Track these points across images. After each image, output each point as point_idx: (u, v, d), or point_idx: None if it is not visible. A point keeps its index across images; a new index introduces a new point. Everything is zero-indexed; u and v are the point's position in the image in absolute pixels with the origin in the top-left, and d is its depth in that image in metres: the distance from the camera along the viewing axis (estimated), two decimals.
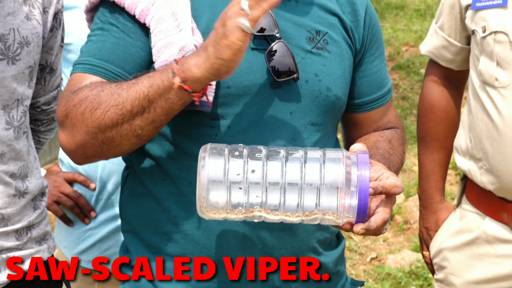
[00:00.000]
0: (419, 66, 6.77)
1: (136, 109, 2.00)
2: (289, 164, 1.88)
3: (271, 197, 1.87)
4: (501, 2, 2.46)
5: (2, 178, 2.25)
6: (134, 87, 1.98)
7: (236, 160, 1.88)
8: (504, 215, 2.55)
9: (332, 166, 1.86)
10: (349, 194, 1.84)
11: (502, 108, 2.46)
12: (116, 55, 2.11)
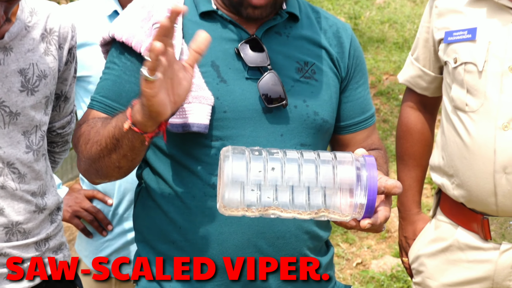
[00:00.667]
0: (398, 93, 6.78)
1: (109, 146, 2.02)
2: (305, 165, 1.84)
3: (285, 196, 1.84)
4: (470, 36, 2.47)
5: (24, 196, 2.24)
6: (107, 127, 2.01)
7: (254, 155, 1.85)
8: (474, 225, 2.54)
9: (344, 168, 1.84)
10: (360, 193, 1.82)
11: (471, 130, 2.45)
12: (113, 91, 2.15)
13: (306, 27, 2.23)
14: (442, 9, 2.57)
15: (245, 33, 2.13)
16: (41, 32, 2.27)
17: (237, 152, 1.85)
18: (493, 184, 2.43)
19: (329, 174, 1.83)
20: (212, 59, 2.11)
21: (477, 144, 2.44)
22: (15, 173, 2.22)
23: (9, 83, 2.19)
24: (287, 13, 2.18)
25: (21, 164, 2.23)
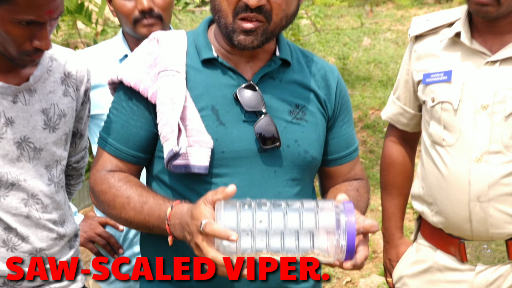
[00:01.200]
0: (382, 126, 6.80)
1: (135, 225, 2.14)
2: (289, 213, 1.84)
3: (274, 242, 1.84)
4: (446, 78, 2.47)
5: (47, 225, 2.22)
6: (141, 215, 2.07)
7: (245, 210, 1.85)
8: (451, 248, 2.52)
9: (325, 214, 1.83)
10: (340, 237, 1.81)
11: (448, 163, 2.45)
12: (121, 135, 2.15)
13: (297, 72, 2.22)
14: (420, 53, 2.57)
15: (242, 79, 2.13)
16: (60, 76, 2.27)
17: (228, 206, 1.84)
18: (468, 211, 2.42)
19: (311, 221, 1.83)
20: (212, 104, 2.11)
21: (453, 175, 2.43)
22: (39, 204, 2.20)
23: (33, 121, 2.19)
24: (280, 60, 2.17)
25: (44, 196, 2.21)
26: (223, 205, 1.84)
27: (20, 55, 2.05)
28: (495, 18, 2.37)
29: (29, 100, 2.18)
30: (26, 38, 2.01)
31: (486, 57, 2.42)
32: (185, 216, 1.92)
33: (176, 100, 2.07)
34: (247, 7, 2.00)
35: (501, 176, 2.39)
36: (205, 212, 1.83)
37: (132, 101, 2.16)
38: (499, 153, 2.39)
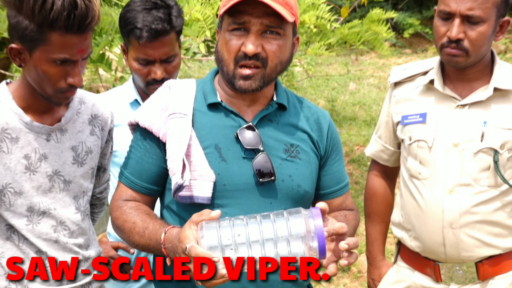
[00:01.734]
0: (366, 160, 6.80)
1: (139, 246, 2.12)
2: (264, 224, 1.84)
3: (256, 251, 1.83)
4: (422, 119, 2.47)
5: (73, 248, 2.21)
6: (143, 238, 2.08)
7: (224, 227, 1.84)
8: (427, 269, 2.51)
9: (296, 219, 1.83)
10: (311, 240, 1.81)
11: (424, 194, 2.45)
12: (136, 169, 2.17)
13: (293, 115, 2.21)
14: (399, 98, 2.57)
15: (243, 120, 2.12)
16: (88, 117, 2.28)
17: (209, 226, 1.85)
18: (442, 237, 2.42)
19: (284, 229, 1.83)
20: (215, 142, 2.11)
21: (429, 205, 2.43)
22: (66, 230, 2.19)
23: (64, 157, 2.19)
24: (277, 104, 2.18)
25: (71, 223, 2.21)
26: (204, 226, 1.84)
27: (56, 93, 2.06)
28: (464, 67, 2.39)
29: (61, 139, 2.18)
30: (60, 76, 2.02)
31: (456, 101, 2.42)
32: (174, 240, 1.92)
33: (182, 139, 2.07)
34: (246, 55, 2.02)
35: (471, 206, 2.38)
36: (189, 235, 1.84)
37: (146, 140, 2.16)
38: (468, 185, 2.39)
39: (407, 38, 10.46)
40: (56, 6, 1.89)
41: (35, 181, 2.12)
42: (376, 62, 10.24)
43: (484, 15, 2.28)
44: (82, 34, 1.97)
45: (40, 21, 1.92)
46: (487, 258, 2.44)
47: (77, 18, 1.92)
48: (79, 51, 1.99)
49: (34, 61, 2.01)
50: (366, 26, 4.75)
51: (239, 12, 2.01)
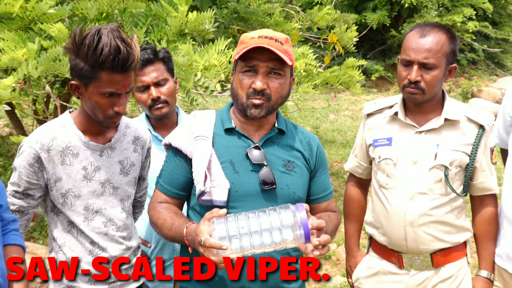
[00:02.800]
0: (343, 174, 6.73)
1: (169, 238, 2.08)
2: (261, 217, 1.83)
3: (255, 240, 1.82)
4: (388, 142, 2.46)
5: (119, 240, 2.21)
6: (171, 232, 2.06)
7: (230, 222, 1.84)
8: (393, 258, 2.49)
9: (286, 213, 1.83)
10: (298, 228, 1.81)
11: (390, 200, 2.43)
12: (168, 179, 2.16)
13: (290, 138, 2.20)
14: (370, 125, 2.56)
15: (251, 142, 2.12)
16: (132, 138, 2.28)
17: (219, 221, 1.85)
18: (404, 233, 2.40)
19: (277, 221, 1.83)
20: (230, 159, 2.09)
21: (394, 208, 2.42)
22: (114, 225, 2.20)
23: (113, 169, 2.19)
24: (278, 129, 2.17)
25: (118, 220, 2.21)
26: (215, 221, 1.84)
27: (105, 118, 2.05)
28: (421, 102, 2.37)
29: (111, 154, 2.19)
30: (109, 106, 2.01)
31: (415, 129, 2.41)
32: (193, 233, 1.91)
33: (204, 156, 2.07)
34: (255, 91, 2.02)
35: (427, 209, 2.37)
36: (203, 229, 1.83)
37: (176, 157, 2.16)
38: (425, 193, 2.37)
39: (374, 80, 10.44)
40: (104, 51, 1.90)
41: (91, 187, 2.13)
42: (350, 99, 10.23)
43: (436, 62, 2.28)
44: (124, 73, 1.97)
45: (92, 63, 1.93)
46: (439, 250, 2.41)
47: (120, 61, 1.92)
48: (122, 87, 2.00)
49: (88, 94, 2.01)
50: (343, 71, 4.74)
51: (250, 58, 2.01)
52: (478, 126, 2.37)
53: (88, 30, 1.92)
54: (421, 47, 2.27)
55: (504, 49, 11.41)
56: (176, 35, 3.70)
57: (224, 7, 4.54)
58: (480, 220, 2.50)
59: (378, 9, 10.21)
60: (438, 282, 2.43)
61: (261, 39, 2.00)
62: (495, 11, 11.17)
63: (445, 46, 2.28)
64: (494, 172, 2.46)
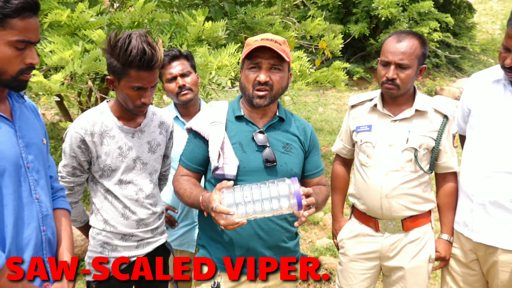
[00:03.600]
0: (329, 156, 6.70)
1: (188, 204, 2.05)
2: (262, 188, 1.83)
3: (257, 206, 1.82)
4: (368, 129, 2.44)
5: (147, 206, 2.18)
6: (190, 199, 2.03)
7: (237, 192, 1.83)
8: (370, 223, 2.47)
9: (282, 185, 1.82)
10: (293, 197, 1.80)
11: (369, 175, 2.41)
12: (189, 156, 2.14)
13: (288, 125, 2.18)
14: (354, 115, 2.53)
15: (257, 127, 2.10)
16: (158, 123, 2.25)
17: (228, 191, 1.84)
18: (380, 203, 2.38)
19: (276, 191, 1.82)
20: (239, 141, 2.07)
21: (372, 183, 2.39)
22: (143, 194, 2.17)
23: (142, 148, 2.17)
24: (278, 117, 2.15)
25: (147, 189, 2.18)
26: (224, 191, 1.84)
27: (134, 108, 2.03)
28: (396, 96, 2.35)
29: (140, 136, 2.17)
30: (137, 97, 2.00)
31: (391, 118, 2.38)
32: (206, 200, 1.90)
33: (219, 138, 2.06)
34: (259, 83, 2.01)
35: (399, 184, 2.34)
36: (215, 197, 1.83)
37: (196, 138, 2.14)
38: (398, 171, 2.35)
39: (355, 80, 10.37)
40: (132, 53, 1.88)
41: (125, 163, 2.12)
42: (336, 95, 10.16)
43: (410, 63, 2.25)
44: (150, 71, 1.95)
45: (123, 62, 1.91)
46: (409, 217, 2.40)
47: (145, 61, 1.90)
48: (148, 82, 1.97)
49: (120, 87, 2.00)
50: (331, 72, 4.70)
51: (254, 56, 2.00)
52: (443, 116, 2.34)
53: (121, 35, 1.91)
54: (397, 50, 2.25)
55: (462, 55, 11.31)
56: (195, 41, 3.66)
57: (233, 18, 4.48)
58: (442, 193, 2.48)
59: (360, 21, 10.10)
60: (407, 243, 2.41)
61: (263, 41, 1.99)
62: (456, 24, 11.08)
63: (417, 50, 2.25)
64: (455, 154, 2.43)
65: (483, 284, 2.44)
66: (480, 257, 2.38)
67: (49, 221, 1.72)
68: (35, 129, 1.72)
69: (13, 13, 1.44)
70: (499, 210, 2.27)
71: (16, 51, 1.49)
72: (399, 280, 2.43)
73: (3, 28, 1.45)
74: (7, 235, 1.53)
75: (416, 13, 9.77)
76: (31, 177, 1.65)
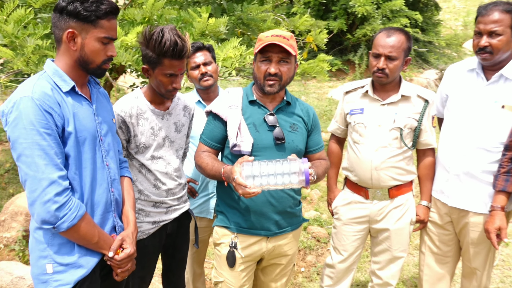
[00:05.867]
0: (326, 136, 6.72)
1: (210, 176, 2.08)
2: (277, 165, 1.87)
3: (271, 180, 1.86)
4: (361, 111, 2.48)
5: (175, 178, 2.24)
6: (211, 171, 2.06)
7: (255, 166, 1.88)
8: (361, 192, 2.54)
9: (294, 164, 1.86)
10: (302, 174, 1.85)
11: (361, 151, 2.47)
12: (209, 135, 2.17)
13: (294, 108, 2.20)
14: (348, 100, 2.57)
15: (268, 110, 2.14)
16: (182, 107, 2.31)
17: (247, 165, 1.89)
18: (370, 175, 2.46)
19: (288, 168, 1.86)
20: (253, 121, 2.10)
21: (364, 157, 2.46)
22: (171, 167, 2.22)
23: (170, 128, 2.22)
24: (286, 101, 2.18)
25: (174, 163, 2.23)
26: (244, 164, 1.89)
27: (166, 92, 2.08)
28: (385, 84, 2.41)
29: (168, 118, 2.22)
30: (169, 83, 2.05)
31: (380, 102, 2.44)
32: (228, 172, 1.95)
33: (236, 119, 2.09)
34: (270, 74, 2.05)
35: (387, 158, 2.42)
36: (236, 169, 1.88)
37: (216, 120, 2.17)
38: (385, 147, 2.42)
39: (334, 71, 10.45)
40: (166, 44, 1.94)
41: (156, 141, 2.16)
42: (316, 85, 10.19)
43: (397, 55, 2.32)
44: (180, 60, 2.00)
45: (158, 52, 1.97)
46: (394, 186, 2.47)
47: (177, 51, 1.96)
48: (179, 69, 2.03)
49: (155, 75, 2.05)
50: (316, 63, 4.73)
51: (266, 51, 2.04)
52: (424, 100, 2.43)
53: (154, 29, 1.96)
54: (387, 44, 2.31)
55: (429, 49, 11.43)
56: (199, 35, 3.72)
57: (231, 14, 4.55)
58: (422, 166, 2.58)
59: (338, 18, 10.14)
60: (392, 208, 2.51)
61: (273, 37, 2.02)
62: (424, 20, 11.16)
63: (404, 43, 2.33)
64: (434, 133, 2.54)
65: (456, 243, 2.59)
66: (453, 219, 2.52)
67: (116, 184, 1.84)
68: (107, 110, 1.86)
69: (102, 15, 1.62)
70: (471, 180, 2.40)
71: (102, 45, 1.66)
72: (385, 240, 2.55)
73: (94, 27, 1.62)
74: (85, 192, 1.68)
75: (388, 11, 9.86)
76: (103, 147, 1.77)
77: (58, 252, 1.63)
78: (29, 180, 1.52)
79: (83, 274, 1.66)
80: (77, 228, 1.60)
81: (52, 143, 1.54)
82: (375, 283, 2.65)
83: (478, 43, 2.31)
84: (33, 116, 1.50)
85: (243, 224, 2.15)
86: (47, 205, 1.52)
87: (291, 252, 2.28)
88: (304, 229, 4.24)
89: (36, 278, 1.65)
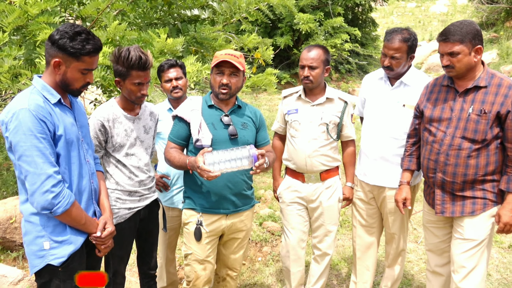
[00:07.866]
0: None
1: (177, 167, 2.21)
2: (231, 152, 2.01)
3: (227, 164, 2.00)
4: (296, 111, 2.71)
5: (145, 171, 2.32)
6: (179, 163, 2.17)
7: (214, 154, 2.02)
8: (299, 178, 2.76)
9: (244, 150, 2.01)
10: (250, 158, 2.00)
11: (297, 143, 2.70)
12: (175, 134, 2.31)
13: (244, 110, 2.37)
14: (285, 103, 2.78)
15: (223, 112, 2.29)
16: (149, 113, 2.42)
17: (208, 154, 2.01)
18: (305, 162, 2.69)
19: (239, 154, 2.00)
20: (212, 121, 2.26)
21: (299, 148, 2.69)
22: (142, 162, 2.33)
23: (140, 130, 2.32)
24: (237, 105, 2.34)
25: (144, 159, 2.34)
26: (206, 154, 2.02)
27: (136, 98, 2.21)
28: (312, 88, 2.66)
29: (138, 122, 2.34)
30: (138, 90, 2.18)
31: (310, 103, 2.68)
32: (192, 162, 2.08)
33: (197, 120, 2.25)
34: (223, 84, 2.22)
35: (317, 147, 2.66)
36: (199, 159, 2.03)
37: (181, 122, 2.31)
38: (316, 139, 2.66)
39: (283, 84, 10.33)
40: (133, 59, 2.08)
41: (129, 141, 2.29)
42: (267, 97, 10.00)
43: (317, 65, 2.57)
44: (145, 71, 2.13)
45: (126, 66, 2.11)
46: (324, 171, 2.71)
47: (142, 64, 2.09)
48: (145, 79, 2.15)
49: (125, 85, 2.18)
50: (265, 77, 4.87)
51: (220, 66, 2.23)
52: (344, 101, 2.72)
53: (121, 49, 2.10)
54: (308, 57, 2.58)
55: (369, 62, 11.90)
56: (159, 53, 3.88)
57: (186, 34, 4.76)
58: (346, 154, 2.87)
59: (284, 34, 10.27)
60: (324, 189, 2.75)
61: (226, 55, 2.21)
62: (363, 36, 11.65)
63: (322, 56, 2.59)
64: (353, 128, 2.82)
65: (379, 216, 2.89)
66: (375, 195, 2.81)
67: (94, 177, 1.99)
68: (84, 116, 2.01)
69: (86, 53, 1.76)
70: (385, 162, 2.70)
71: (81, 75, 1.80)
72: (320, 216, 2.78)
73: (77, 61, 1.76)
74: (73, 183, 1.85)
75: (330, 27, 10.24)
76: (84, 147, 1.93)
77: (53, 232, 1.78)
78: (30, 175, 1.67)
79: (74, 249, 1.82)
80: (69, 212, 1.76)
81: (47, 145, 1.68)
82: (316, 254, 2.87)
83: (383, 62, 2.71)
84: (31, 124, 1.64)
85: (206, 205, 2.29)
86: (45, 194, 1.67)
87: (245, 228, 2.46)
88: (260, 225, 4.32)
89: (33, 255, 1.78)
